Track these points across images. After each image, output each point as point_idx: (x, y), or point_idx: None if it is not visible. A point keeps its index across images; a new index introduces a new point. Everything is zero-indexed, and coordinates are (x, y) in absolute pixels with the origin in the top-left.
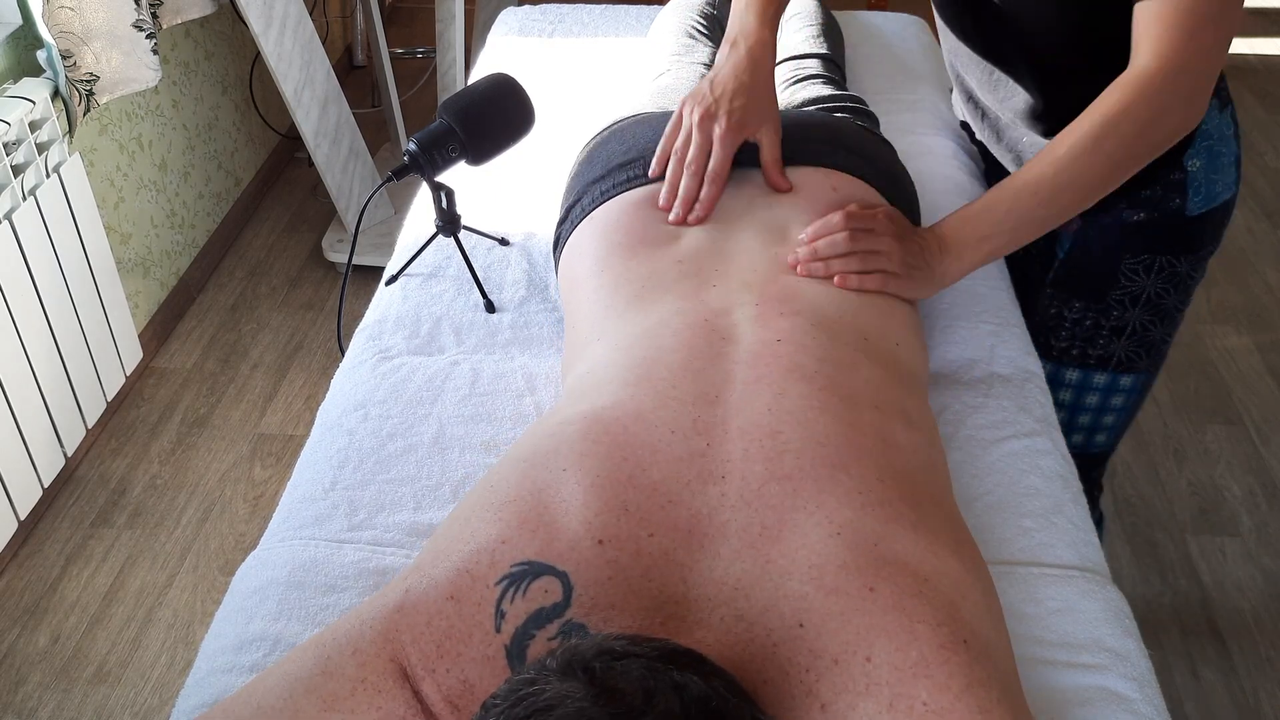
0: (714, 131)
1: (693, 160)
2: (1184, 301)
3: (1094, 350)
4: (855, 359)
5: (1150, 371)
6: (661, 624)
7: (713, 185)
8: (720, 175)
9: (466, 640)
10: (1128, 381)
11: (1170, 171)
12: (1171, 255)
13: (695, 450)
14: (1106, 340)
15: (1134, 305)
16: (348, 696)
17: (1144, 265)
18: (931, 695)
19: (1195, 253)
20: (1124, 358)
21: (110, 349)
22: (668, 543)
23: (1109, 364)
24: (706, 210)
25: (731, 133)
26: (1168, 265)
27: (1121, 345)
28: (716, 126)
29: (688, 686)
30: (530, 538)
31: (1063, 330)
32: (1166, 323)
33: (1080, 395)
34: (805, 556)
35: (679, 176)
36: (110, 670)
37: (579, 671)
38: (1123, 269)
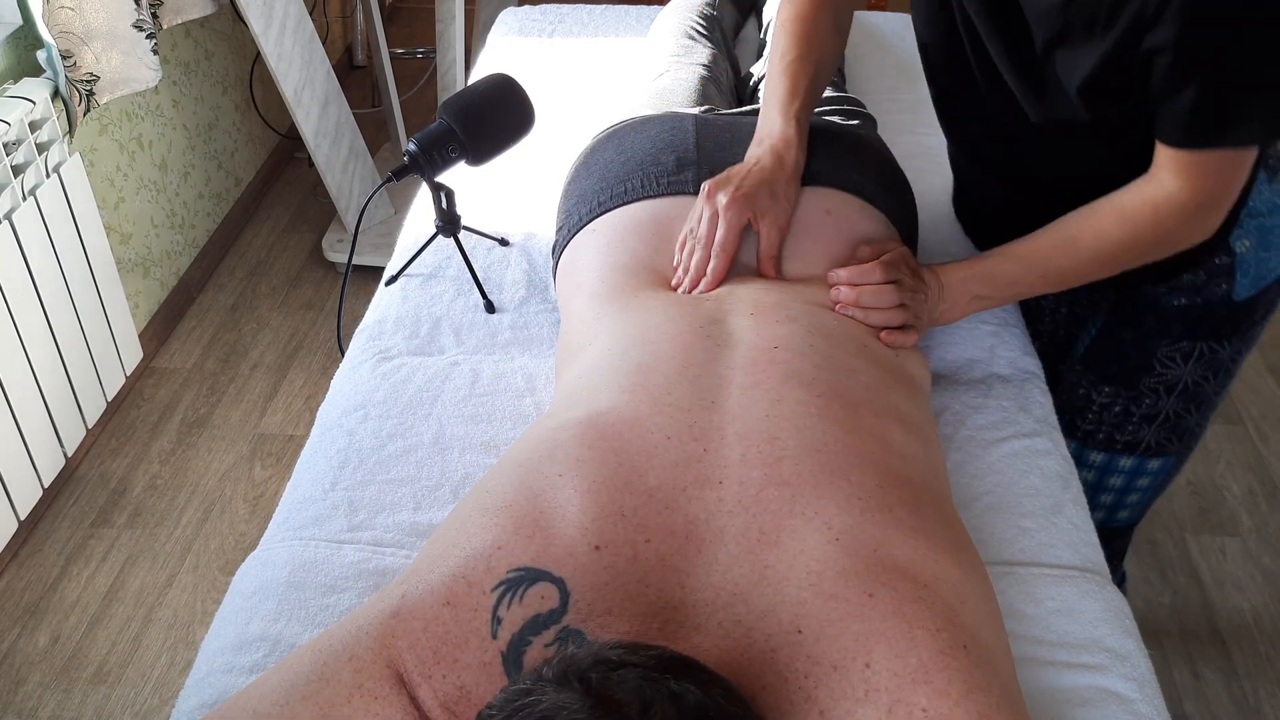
0: (719, 202)
1: (702, 234)
2: (1224, 385)
3: (1122, 436)
4: (854, 364)
5: (1182, 453)
6: (659, 629)
7: (717, 257)
8: (725, 247)
9: (463, 646)
10: (1155, 465)
11: (1215, 255)
12: (1214, 341)
13: (692, 455)
14: (1136, 427)
15: (1169, 394)
16: (344, 703)
17: (1182, 353)
18: (931, 701)
19: (1242, 335)
20: (1154, 443)
21: (110, 349)
22: (664, 548)
23: (1136, 449)
24: (713, 282)
25: (736, 204)
26: (1209, 352)
27: (1152, 432)
28: (721, 196)
29: (685, 696)
30: (526, 543)
31: (1090, 413)
32: (1204, 408)
33: (1103, 477)
34: (804, 562)
35: (690, 250)
36: (110, 670)
37: (575, 681)
38: (1159, 356)
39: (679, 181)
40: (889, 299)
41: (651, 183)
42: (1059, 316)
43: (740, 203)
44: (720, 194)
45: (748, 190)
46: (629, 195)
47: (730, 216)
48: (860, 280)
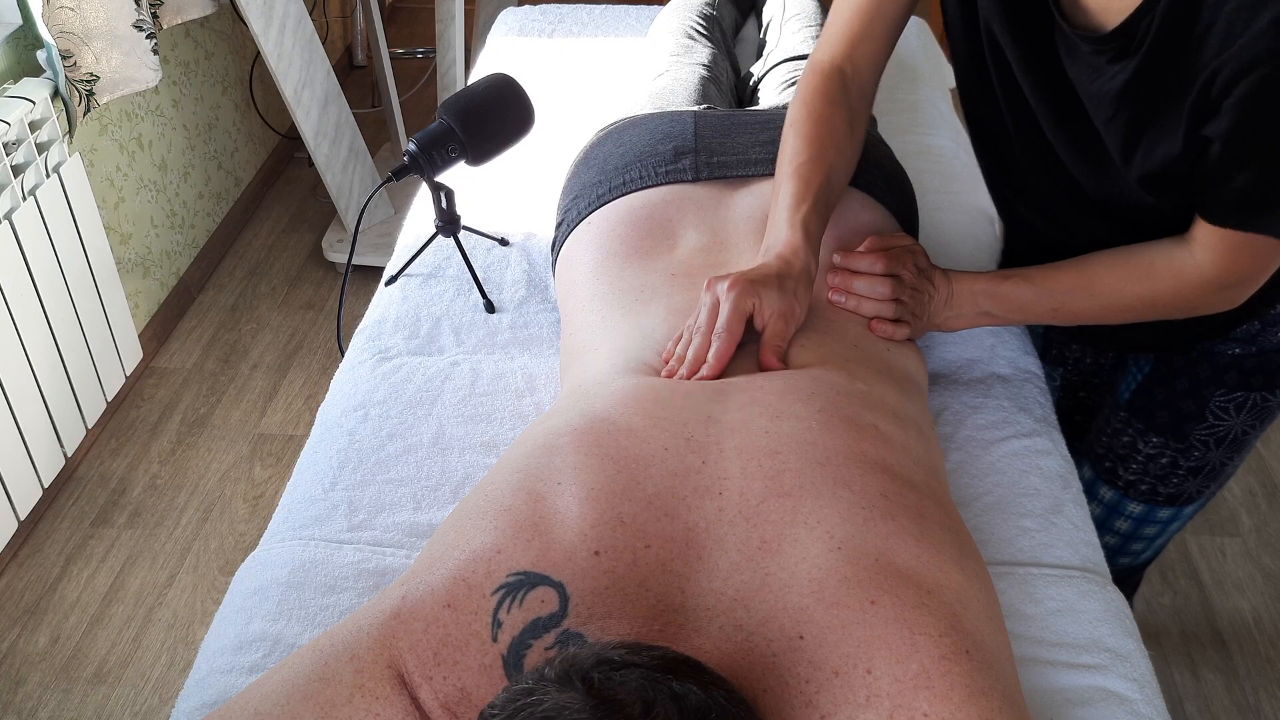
0: (719, 290)
1: (702, 323)
2: (1265, 429)
3: (1165, 489)
4: (851, 371)
5: (1212, 495)
6: (660, 631)
7: (720, 339)
8: (729, 329)
9: (463, 649)
10: (1190, 510)
11: (1272, 305)
12: (1268, 391)
13: (690, 467)
14: (1181, 479)
15: (1218, 445)
16: (345, 703)
17: (1235, 403)
18: (933, 706)
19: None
20: (1194, 492)
21: (110, 349)
22: (664, 554)
23: (1177, 500)
24: (715, 367)
25: (739, 287)
26: (1261, 401)
27: (1195, 483)
28: (722, 284)
29: (687, 697)
30: (526, 547)
31: (1134, 464)
32: (1242, 453)
33: (1139, 527)
34: (806, 570)
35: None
36: (110, 670)
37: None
38: (1211, 406)
39: (676, 170)
40: (882, 291)
41: (649, 173)
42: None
43: (744, 287)
44: (721, 282)
45: (753, 279)
46: (627, 187)
47: (734, 299)
48: (860, 268)
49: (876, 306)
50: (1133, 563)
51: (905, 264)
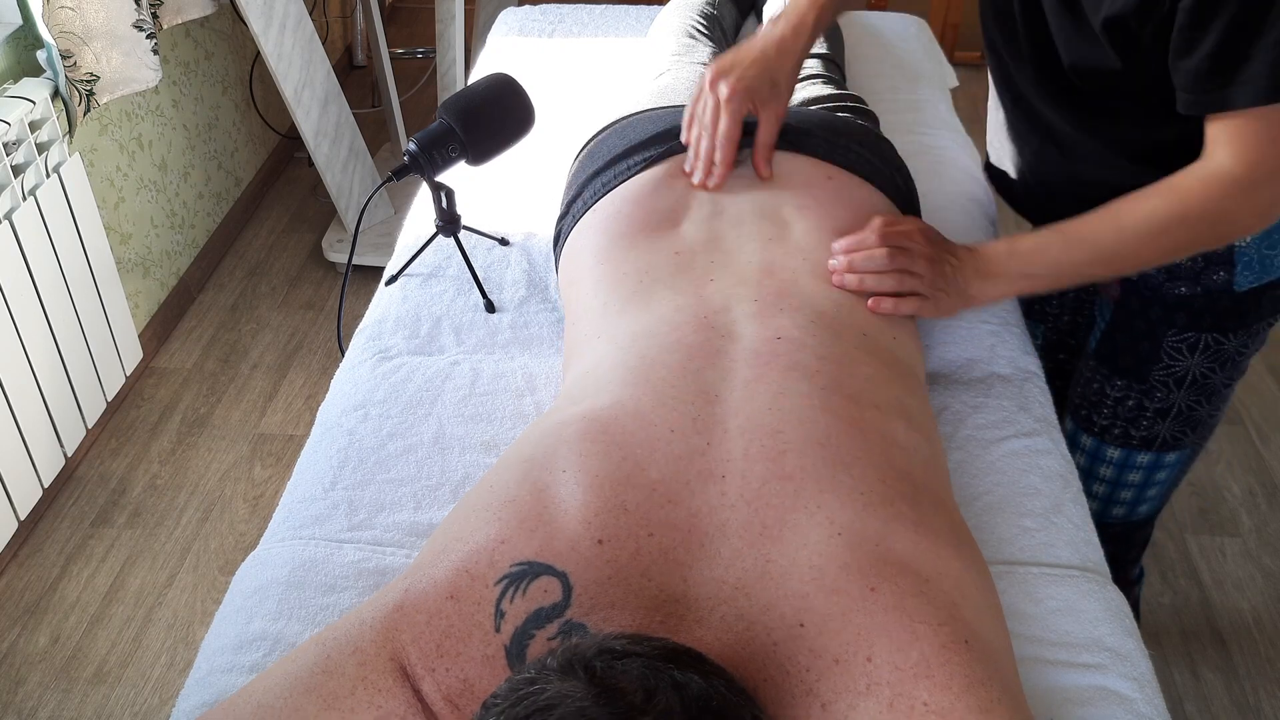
0: (721, 92)
1: (707, 121)
2: (1233, 378)
3: (1137, 431)
4: (855, 355)
5: (1196, 445)
6: (661, 623)
7: (721, 149)
8: (727, 137)
9: (466, 640)
10: (1173, 458)
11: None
12: (1219, 333)
13: (695, 449)
14: (1150, 422)
15: (1179, 386)
16: (348, 695)
17: (1188, 344)
18: (932, 695)
19: (1247, 328)
20: (1169, 438)
21: (110, 349)
22: (667, 542)
23: (1152, 445)
24: (722, 173)
25: (735, 98)
26: (1214, 343)
27: (1166, 426)
28: (723, 86)
29: (688, 685)
30: (529, 537)
31: (1104, 407)
32: (1214, 400)
33: (1122, 473)
34: (806, 556)
35: (698, 138)
36: (110, 670)
37: (579, 670)
38: (1165, 347)
39: (677, 147)
40: (880, 262)
41: (651, 155)
42: (1066, 300)
43: (741, 95)
44: (722, 84)
45: (749, 82)
46: (630, 171)
47: (732, 109)
48: (857, 246)
49: (878, 280)
50: (1128, 515)
51: (913, 237)
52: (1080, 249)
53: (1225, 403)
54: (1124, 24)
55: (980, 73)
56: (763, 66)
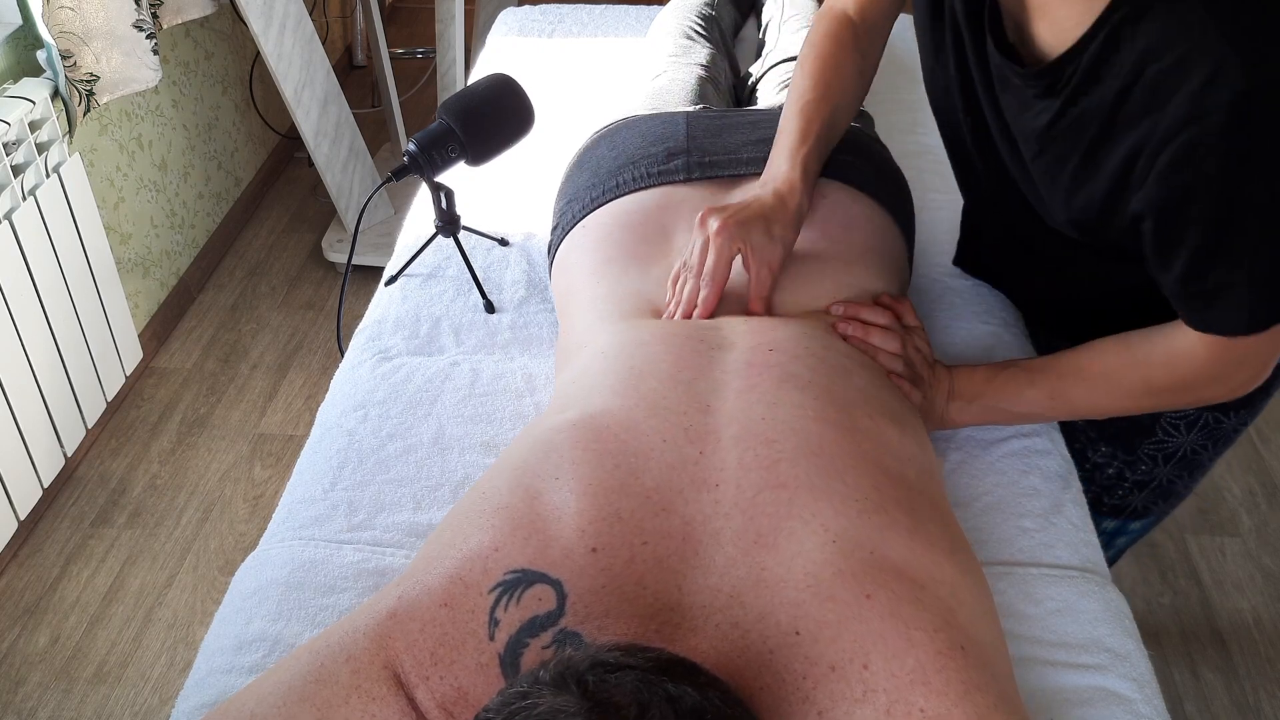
0: (710, 228)
1: (694, 263)
2: (1220, 452)
3: (1110, 499)
4: (848, 365)
5: (1163, 514)
6: (656, 631)
7: (707, 287)
8: (715, 277)
9: (460, 648)
10: (1137, 526)
11: None
12: (1220, 412)
13: (688, 458)
14: (1126, 492)
15: (1166, 461)
16: (342, 703)
17: (1187, 421)
18: (929, 701)
19: (1251, 407)
20: (1139, 507)
21: (110, 349)
22: (661, 550)
23: (1122, 513)
24: (704, 313)
25: (726, 231)
26: (1214, 421)
27: (1141, 497)
28: (713, 222)
29: (682, 698)
30: (523, 545)
31: (1081, 470)
32: (1196, 474)
33: None
34: (801, 564)
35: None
36: (110, 670)
37: (572, 684)
38: (1162, 422)
39: (668, 170)
40: (894, 345)
41: (641, 175)
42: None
43: (731, 230)
44: (712, 220)
45: (741, 220)
46: (620, 189)
47: (720, 244)
48: (865, 317)
49: (890, 359)
50: None
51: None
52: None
53: (1204, 475)
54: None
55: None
56: (758, 211)
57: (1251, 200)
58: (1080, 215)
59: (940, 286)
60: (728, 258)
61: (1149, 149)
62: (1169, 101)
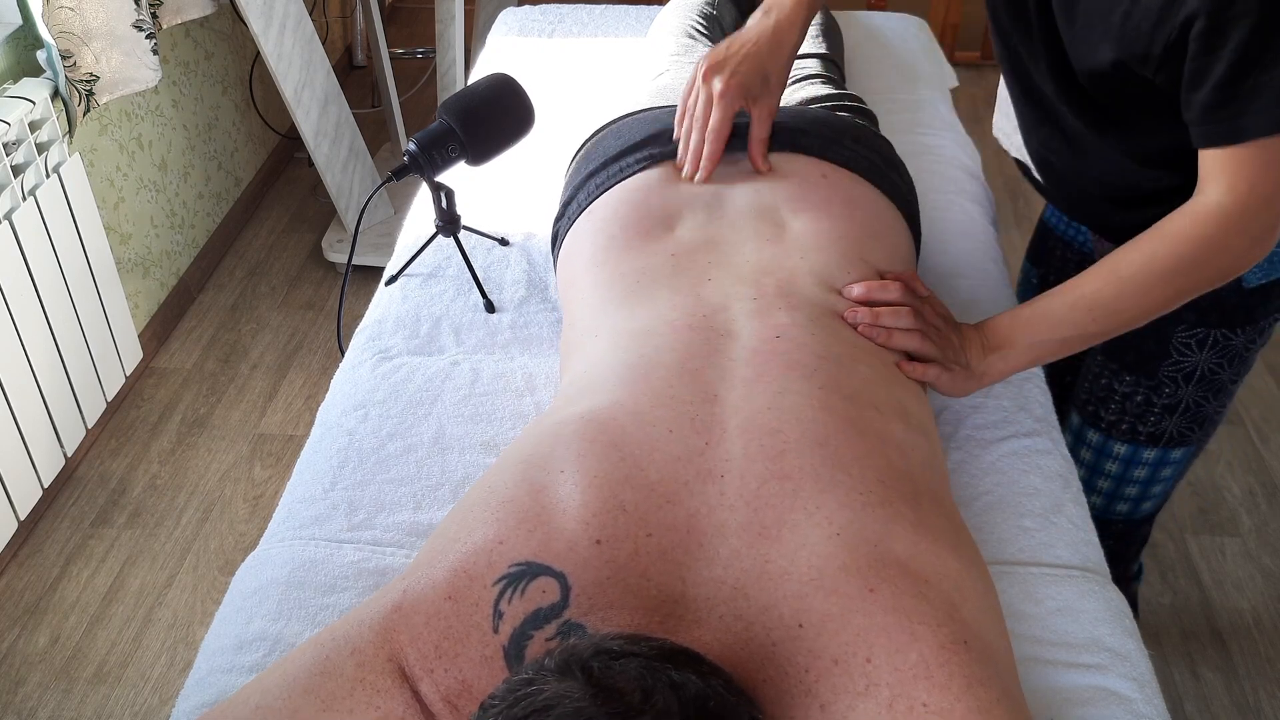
0: (715, 87)
1: (699, 115)
2: (1240, 373)
3: (1144, 427)
4: (854, 355)
5: (1201, 441)
6: (660, 623)
7: (710, 143)
8: (718, 132)
9: (464, 640)
10: (1178, 454)
11: None
12: (1227, 329)
13: (694, 449)
14: (1158, 417)
15: (1187, 382)
16: (346, 696)
17: (1197, 339)
18: (932, 696)
19: (1255, 324)
20: (1175, 434)
21: (110, 349)
22: (666, 542)
23: (1159, 441)
24: (709, 167)
25: (729, 93)
26: (1222, 339)
27: (1174, 422)
28: (717, 81)
29: (685, 685)
30: (528, 538)
31: (1113, 403)
32: (1221, 396)
33: (1127, 469)
34: (805, 557)
35: (689, 132)
36: (110, 670)
37: (577, 671)
38: (1174, 342)
39: (671, 151)
40: (907, 320)
41: (645, 158)
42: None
43: (734, 91)
44: (716, 79)
45: (742, 77)
46: (624, 172)
47: (724, 105)
48: (877, 295)
49: (905, 337)
50: (1131, 512)
51: (932, 303)
52: (1082, 310)
53: (1231, 398)
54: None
55: (980, 73)
56: (756, 62)
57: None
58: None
59: (941, 287)
60: (730, 116)
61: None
62: None
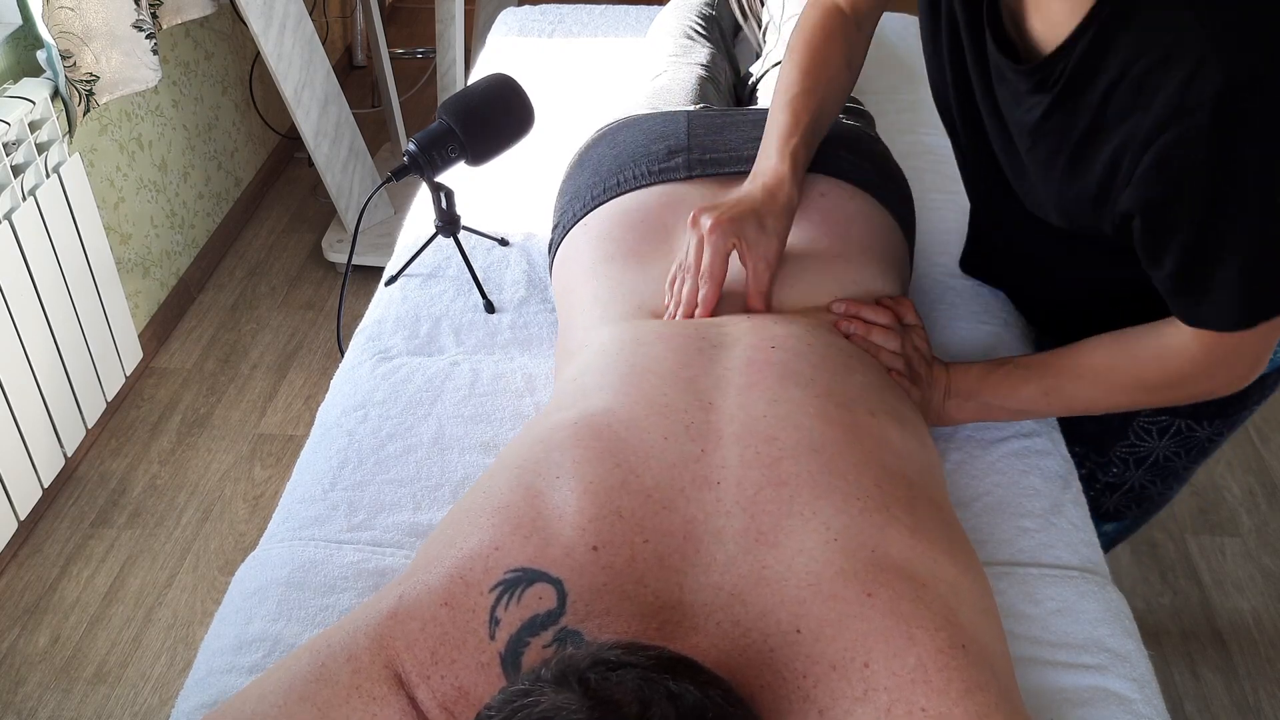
0: (704, 226)
1: (690, 263)
2: (1196, 462)
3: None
4: (849, 363)
5: (1139, 519)
6: (657, 630)
7: (705, 285)
8: (713, 274)
9: (461, 647)
10: (1110, 528)
11: None
12: (1192, 420)
13: (689, 455)
14: (1098, 493)
15: (1138, 466)
16: (342, 703)
17: (1159, 427)
18: (930, 700)
19: (1225, 418)
20: (1111, 510)
21: (110, 349)
22: (662, 548)
23: (1095, 512)
24: (704, 312)
25: (720, 228)
26: (1186, 429)
27: (1113, 500)
28: (706, 219)
29: (683, 696)
30: (524, 544)
31: None
32: (1170, 482)
33: None
34: (802, 563)
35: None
36: (110, 670)
37: (574, 682)
38: (1134, 425)
39: (669, 168)
40: (894, 344)
41: (642, 173)
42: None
43: (725, 226)
44: (705, 218)
45: (734, 215)
46: (621, 187)
47: (715, 241)
48: (867, 316)
49: (890, 357)
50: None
51: (919, 334)
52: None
53: (1181, 484)
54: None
55: None
56: (749, 207)
57: (1237, 196)
58: (1074, 209)
59: (941, 286)
60: (724, 254)
61: (1134, 147)
62: (1153, 100)
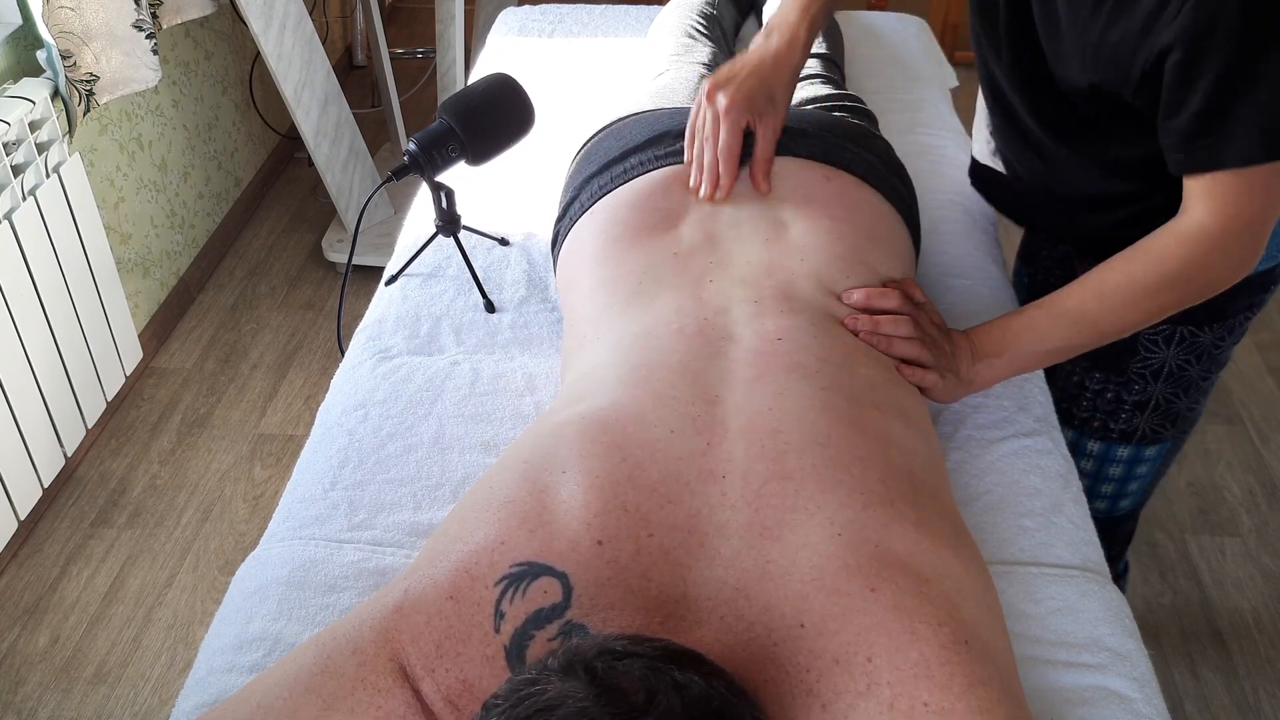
0: (720, 103)
1: (709, 133)
2: (1210, 370)
3: (1116, 424)
4: (854, 358)
5: (1178, 439)
6: (661, 624)
7: (724, 162)
8: (729, 149)
9: (466, 640)
10: (1152, 452)
11: None
12: (1193, 325)
13: (695, 449)
14: (1129, 415)
15: (1155, 379)
16: (348, 696)
17: (1164, 336)
18: (933, 695)
19: (1223, 321)
20: (1148, 431)
21: (110, 349)
22: (667, 542)
23: (1132, 438)
24: (727, 188)
25: (734, 108)
26: (1189, 335)
27: (1145, 419)
28: (721, 97)
29: (689, 686)
30: (529, 538)
31: (1084, 400)
32: (1192, 393)
33: (1102, 466)
34: (806, 557)
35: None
36: (110, 670)
37: (580, 671)
38: (1141, 339)
39: (675, 152)
40: (906, 329)
41: (648, 159)
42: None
43: (740, 107)
44: (720, 95)
45: (747, 93)
46: (627, 174)
47: (730, 122)
48: (877, 303)
49: (904, 345)
50: (1109, 510)
51: (928, 310)
52: (1067, 324)
53: (1205, 395)
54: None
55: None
56: (760, 79)
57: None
58: (1107, 57)
59: (941, 287)
60: (739, 131)
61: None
62: None
